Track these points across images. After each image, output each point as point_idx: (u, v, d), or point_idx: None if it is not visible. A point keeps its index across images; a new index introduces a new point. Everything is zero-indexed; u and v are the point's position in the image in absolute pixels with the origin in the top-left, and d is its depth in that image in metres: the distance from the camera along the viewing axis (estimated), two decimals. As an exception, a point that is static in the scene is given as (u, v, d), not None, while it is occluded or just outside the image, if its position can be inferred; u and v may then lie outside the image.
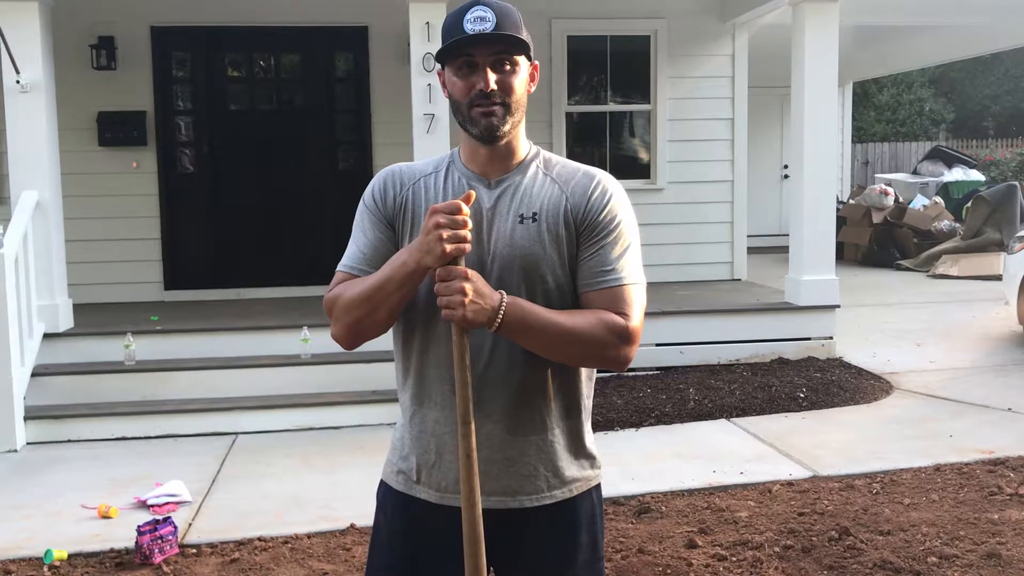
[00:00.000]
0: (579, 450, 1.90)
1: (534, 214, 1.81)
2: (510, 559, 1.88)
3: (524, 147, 1.88)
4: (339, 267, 1.89)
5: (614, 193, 1.85)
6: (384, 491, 1.97)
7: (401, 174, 1.91)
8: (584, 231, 1.81)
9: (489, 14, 1.75)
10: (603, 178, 1.86)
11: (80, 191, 7.45)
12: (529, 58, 1.83)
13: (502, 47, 1.77)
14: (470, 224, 1.66)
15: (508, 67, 1.79)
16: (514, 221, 1.81)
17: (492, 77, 1.76)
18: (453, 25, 1.77)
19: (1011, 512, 4.19)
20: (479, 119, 1.78)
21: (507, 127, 1.80)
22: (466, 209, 1.66)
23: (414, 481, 1.89)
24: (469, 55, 1.77)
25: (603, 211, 1.81)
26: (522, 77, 1.81)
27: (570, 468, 1.88)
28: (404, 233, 1.86)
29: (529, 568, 1.88)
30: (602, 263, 1.79)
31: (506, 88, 1.78)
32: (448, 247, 1.63)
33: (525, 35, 1.80)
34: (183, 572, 3.82)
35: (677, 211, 8.55)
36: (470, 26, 1.74)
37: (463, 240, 1.65)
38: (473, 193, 1.69)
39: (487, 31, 1.74)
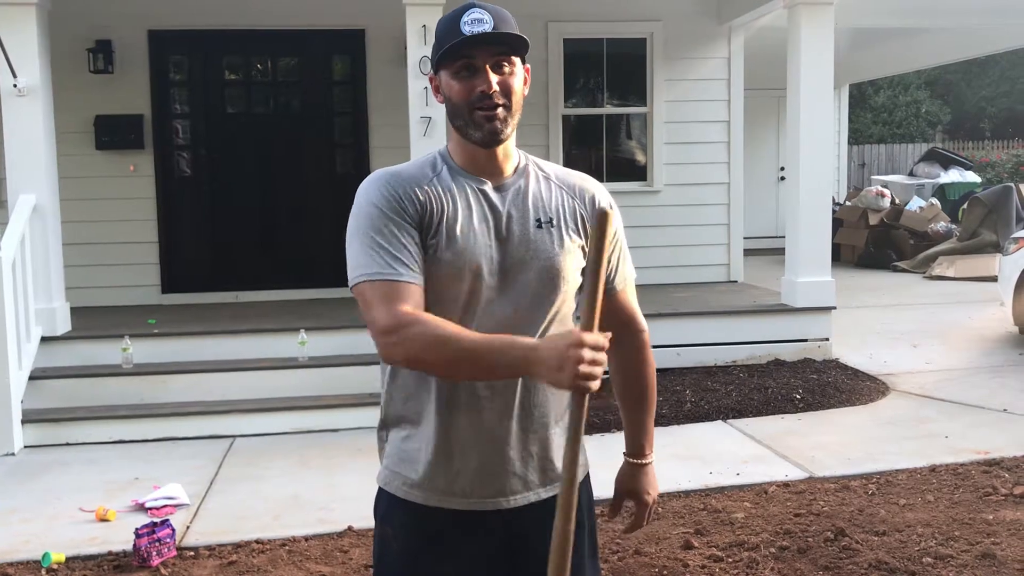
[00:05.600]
0: None
1: (551, 219, 1.85)
2: (525, 552, 1.88)
3: (515, 152, 1.89)
4: (384, 276, 1.72)
5: (612, 202, 1.93)
6: (389, 503, 1.89)
7: (411, 179, 1.81)
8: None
9: (486, 16, 1.75)
10: (598, 188, 1.96)
11: (77, 195, 7.46)
12: (524, 60, 1.84)
13: (504, 48, 1.77)
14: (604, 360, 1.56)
15: (508, 68, 1.79)
16: (533, 225, 1.83)
17: (494, 78, 1.76)
18: (449, 29, 1.76)
19: (1006, 512, 4.21)
20: (483, 123, 1.77)
21: (509, 129, 1.81)
22: (605, 343, 1.55)
23: (438, 491, 1.85)
24: (469, 57, 1.76)
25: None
26: (519, 78, 1.81)
27: None
28: (424, 234, 1.78)
29: (541, 560, 1.89)
30: (612, 271, 1.94)
31: (507, 89, 1.78)
32: (579, 383, 1.52)
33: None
34: (181, 575, 3.83)
35: (673, 213, 8.57)
36: (468, 28, 1.73)
37: (595, 378, 1.54)
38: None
39: (486, 31, 1.74)
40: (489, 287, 1.80)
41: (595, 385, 1.54)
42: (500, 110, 1.77)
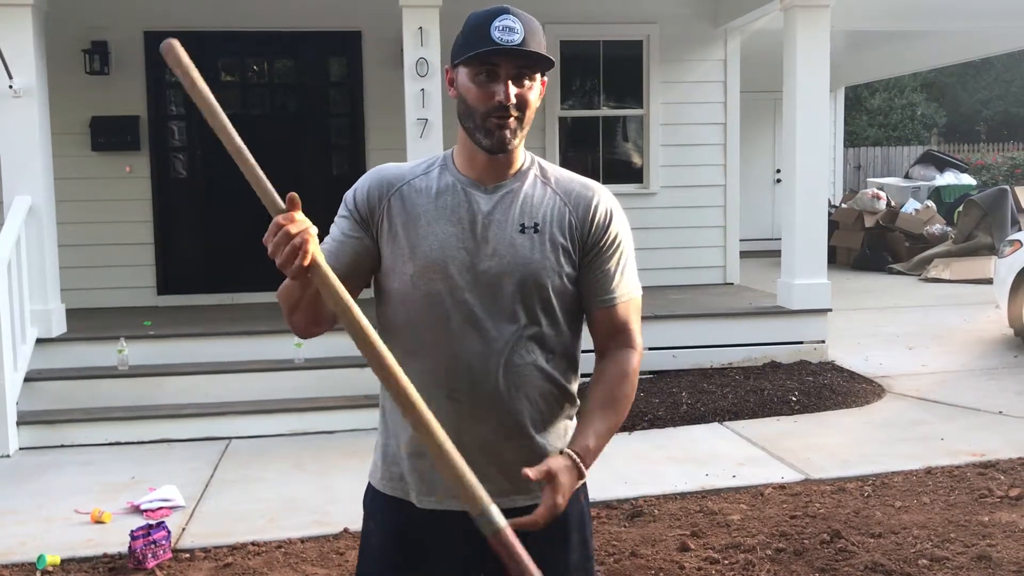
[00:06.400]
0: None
1: (536, 224, 1.82)
2: (497, 560, 1.88)
3: (521, 156, 1.89)
4: None
5: (613, 210, 1.88)
6: (372, 496, 1.95)
7: (388, 178, 1.89)
8: (589, 250, 1.85)
9: (518, 25, 1.73)
10: (602, 194, 1.89)
11: (73, 196, 7.45)
12: (544, 75, 1.83)
13: (528, 62, 1.76)
14: (297, 229, 1.63)
15: (528, 83, 1.78)
16: (514, 229, 1.81)
17: (513, 90, 1.75)
18: (478, 29, 1.74)
19: (1001, 514, 4.21)
20: (494, 130, 1.77)
21: (517, 140, 1.80)
22: (292, 217, 1.65)
23: (407, 486, 1.88)
24: (494, 64, 1.75)
25: (606, 231, 1.86)
26: (537, 92, 1.81)
27: None
28: (381, 236, 1.86)
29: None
30: (608, 281, 1.86)
31: (523, 103, 1.78)
32: (281, 268, 1.64)
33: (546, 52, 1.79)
34: (176, 577, 3.82)
35: (670, 215, 8.57)
36: (498, 35, 1.72)
37: (289, 258, 1.62)
38: (295, 195, 1.64)
39: (515, 43, 1.72)
40: (459, 288, 1.79)
41: (299, 262, 1.58)
42: (512, 121, 1.77)
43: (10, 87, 6.01)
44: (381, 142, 7.95)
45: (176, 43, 1.50)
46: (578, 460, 1.77)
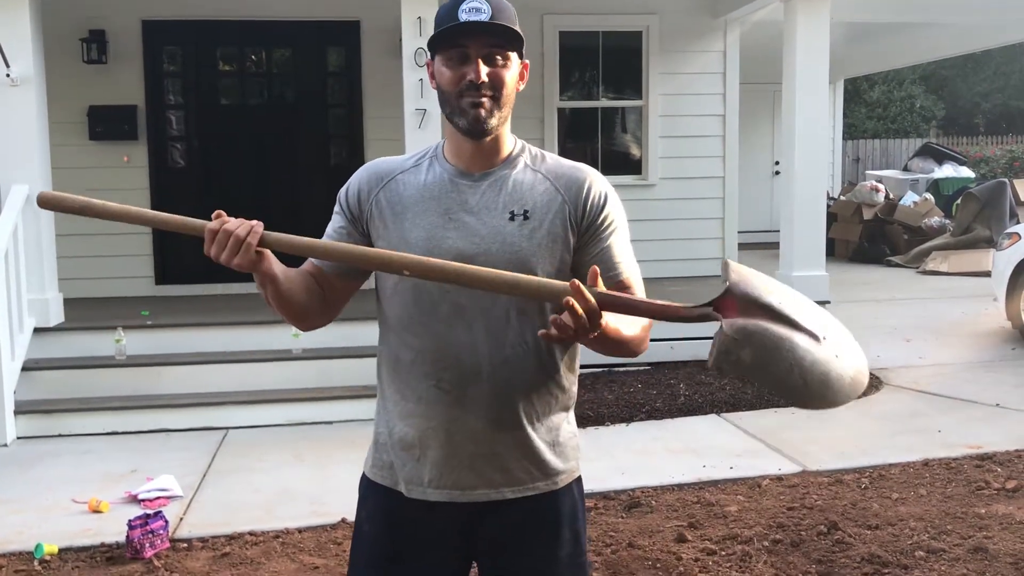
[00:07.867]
0: (561, 442, 1.89)
1: (526, 211, 1.80)
2: (493, 553, 1.89)
3: (510, 142, 1.87)
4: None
5: (607, 192, 1.87)
6: (366, 484, 1.96)
7: (378, 173, 1.90)
8: (586, 233, 1.83)
9: (485, 6, 1.73)
10: (594, 176, 1.87)
11: (71, 185, 7.33)
12: (521, 55, 1.82)
13: (496, 40, 1.76)
14: (236, 223, 1.80)
15: (500, 61, 1.77)
16: (504, 217, 1.80)
17: (484, 69, 1.75)
18: (447, 14, 1.75)
19: (998, 506, 4.22)
20: (468, 109, 1.76)
21: (495, 121, 1.78)
22: (224, 220, 1.81)
23: (396, 475, 1.88)
24: (462, 46, 1.75)
25: (602, 213, 1.84)
26: (513, 72, 1.80)
27: (554, 461, 1.87)
28: (372, 231, 1.87)
29: (511, 563, 1.88)
30: (610, 260, 1.84)
31: (497, 81, 1.76)
32: (223, 258, 1.79)
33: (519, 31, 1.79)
34: (174, 566, 3.82)
35: (668, 207, 8.56)
36: (465, 16, 1.73)
37: (228, 255, 1.79)
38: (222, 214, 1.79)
39: (481, 20, 1.73)
40: None
41: (248, 240, 1.82)
42: (486, 100, 1.76)
43: (7, 76, 5.99)
44: (379, 132, 7.93)
45: (43, 196, 1.84)
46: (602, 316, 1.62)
